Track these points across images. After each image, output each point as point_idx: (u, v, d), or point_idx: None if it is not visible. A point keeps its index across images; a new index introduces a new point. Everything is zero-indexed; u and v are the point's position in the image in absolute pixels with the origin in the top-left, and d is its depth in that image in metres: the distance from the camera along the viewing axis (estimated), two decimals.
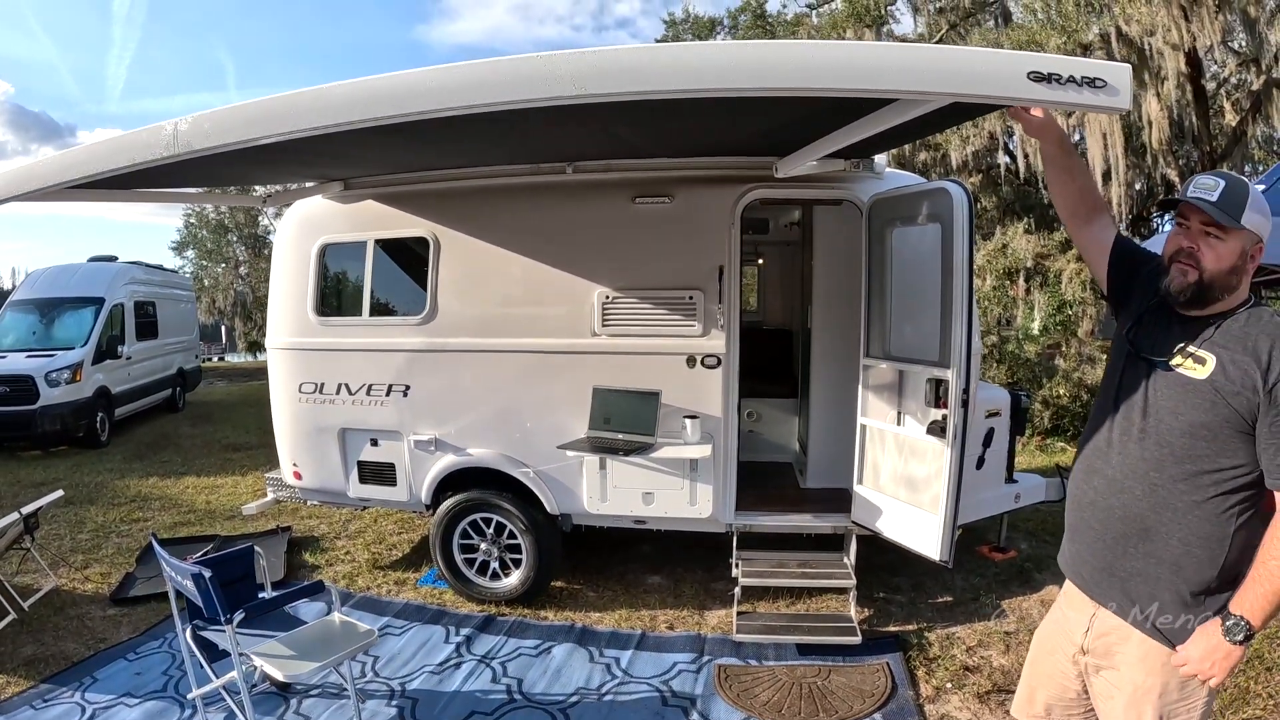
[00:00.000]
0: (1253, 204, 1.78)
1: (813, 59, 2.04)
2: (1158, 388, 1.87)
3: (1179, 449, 1.80)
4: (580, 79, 2.10)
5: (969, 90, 2.04)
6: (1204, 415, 1.77)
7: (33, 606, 4.69)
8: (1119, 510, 1.89)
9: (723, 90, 2.06)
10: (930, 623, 4.30)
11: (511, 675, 3.79)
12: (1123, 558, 1.89)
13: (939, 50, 2.11)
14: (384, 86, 2.32)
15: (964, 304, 3.55)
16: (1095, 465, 1.98)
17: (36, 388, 9.69)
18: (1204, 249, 1.81)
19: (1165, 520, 1.82)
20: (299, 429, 5.00)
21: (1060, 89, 1.95)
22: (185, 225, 28.07)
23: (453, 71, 2.22)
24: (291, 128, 2.41)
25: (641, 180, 4.27)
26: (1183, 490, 1.80)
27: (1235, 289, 1.83)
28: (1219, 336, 1.81)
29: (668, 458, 4.10)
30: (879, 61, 2.07)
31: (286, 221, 5.13)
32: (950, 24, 14.33)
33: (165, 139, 2.56)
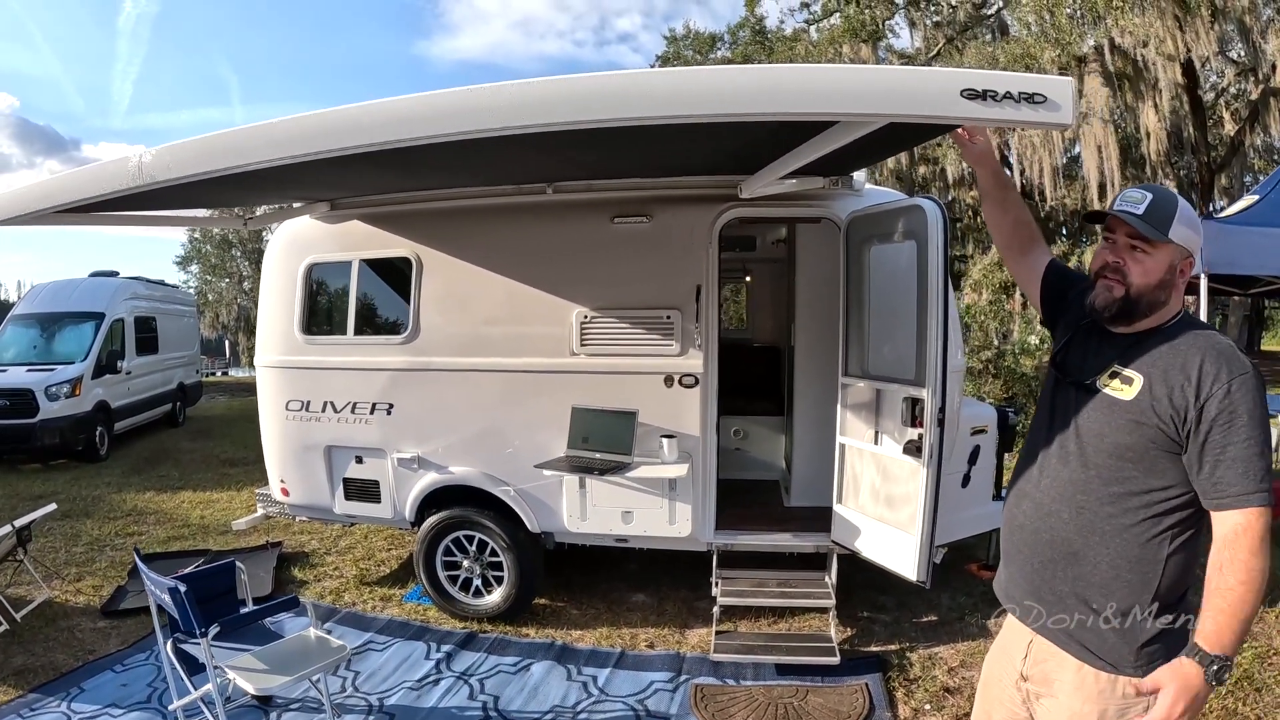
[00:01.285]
0: (1181, 217, 1.75)
1: (739, 85, 2.04)
2: (1085, 409, 1.83)
3: (1105, 471, 1.77)
4: (501, 112, 2.12)
5: (903, 110, 2.02)
6: (1129, 436, 1.73)
7: (25, 618, 4.75)
8: (1046, 534, 1.86)
9: (656, 118, 2.07)
10: (913, 642, 4.28)
11: (489, 692, 3.80)
12: (1051, 581, 1.85)
13: (872, 71, 2.10)
14: (320, 122, 2.40)
15: (939, 322, 3.55)
16: (1025, 489, 1.94)
17: (36, 401, 9.77)
18: (1130, 263, 1.78)
19: (1093, 544, 1.78)
20: (286, 446, 5.03)
21: (997, 106, 1.92)
22: (190, 240, 28.36)
23: (381, 107, 2.27)
24: (243, 161, 2.47)
25: (620, 200, 4.30)
26: (1109, 513, 1.76)
27: (1164, 304, 1.80)
28: (1148, 354, 1.77)
29: (645, 477, 4.11)
30: (810, 85, 2.06)
31: (275, 241, 5.18)
32: (947, 38, 14.39)
33: (131, 171, 2.62)
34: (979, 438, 4.67)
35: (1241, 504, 1.62)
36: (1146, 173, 13.13)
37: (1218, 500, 1.65)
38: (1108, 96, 10.83)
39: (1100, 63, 10.82)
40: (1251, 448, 1.62)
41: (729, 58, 19.76)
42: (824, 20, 17.02)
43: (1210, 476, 1.65)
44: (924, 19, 14.45)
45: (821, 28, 16.99)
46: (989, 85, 1.92)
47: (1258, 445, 1.63)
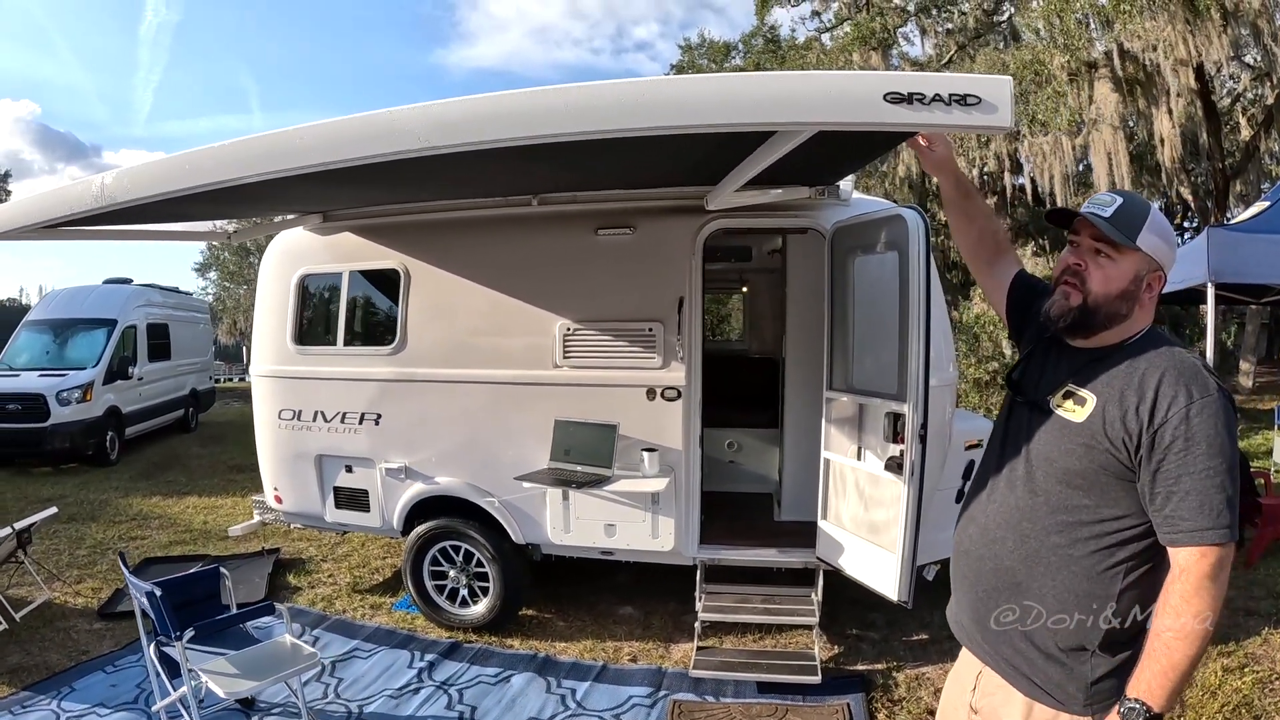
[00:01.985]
0: (1151, 225, 1.63)
1: (660, 98, 2.01)
2: (1037, 431, 1.72)
3: (1053, 497, 1.65)
4: (424, 133, 2.12)
5: (829, 118, 1.95)
6: (1079, 462, 1.62)
7: (24, 618, 4.84)
8: (990, 562, 1.75)
9: (578, 134, 2.05)
10: (901, 662, 4.22)
11: (467, 703, 3.80)
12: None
13: (796, 78, 2.00)
14: (263, 144, 2.46)
15: (920, 335, 3.50)
16: (973, 513, 1.84)
17: (47, 406, 9.94)
18: (1092, 269, 1.66)
19: (1037, 575, 1.66)
20: (279, 454, 5.08)
21: (925, 110, 1.84)
22: (209, 247, 28.65)
23: (312, 130, 2.29)
24: (193, 182, 2.51)
25: (604, 212, 4.29)
26: (1056, 543, 1.64)
27: (1126, 318, 1.67)
28: (1105, 373, 1.64)
29: (626, 490, 4.09)
30: (731, 96, 2.00)
31: (270, 251, 5.23)
32: (959, 45, 14.30)
33: (94, 192, 2.68)
34: (973, 452, 4.59)
35: (1194, 540, 1.49)
36: (1162, 180, 12.96)
37: (1170, 536, 1.52)
38: (1117, 102, 10.69)
39: (1110, 68, 10.69)
40: (1209, 479, 1.48)
41: (742, 66, 19.76)
42: (837, 28, 16.99)
43: (1163, 509, 1.52)
44: (935, 26, 14.38)
45: (835, 35, 16.96)
46: (915, 88, 1.84)
47: (1217, 476, 1.49)
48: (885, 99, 1.85)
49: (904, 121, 1.87)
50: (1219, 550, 1.48)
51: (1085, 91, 10.82)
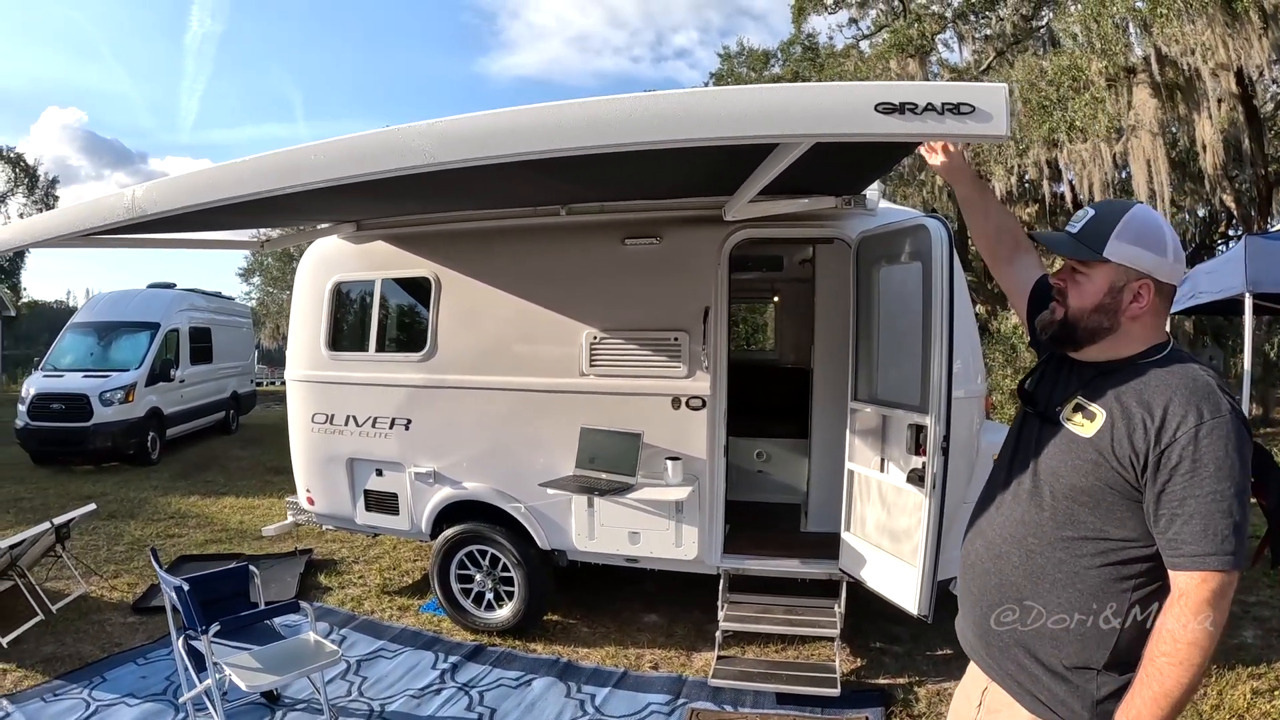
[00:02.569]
0: (1123, 234, 1.58)
1: (657, 113, 2.03)
2: (1046, 444, 1.68)
3: (1060, 513, 1.62)
4: (431, 149, 2.19)
5: (822, 129, 1.96)
6: (1085, 478, 1.58)
7: (60, 610, 5.01)
8: (995, 576, 1.72)
9: (580, 149, 2.10)
10: (923, 677, 4.18)
11: (487, 704, 3.85)
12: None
13: (789, 90, 2.00)
14: (274, 162, 2.55)
15: (943, 346, 3.48)
16: (980, 526, 1.82)
17: (91, 406, 10.27)
18: (1069, 286, 1.66)
19: (1042, 591, 1.63)
20: (312, 457, 5.19)
21: (918, 120, 1.83)
22: (253, 252, 29.25)
23: (324, 148, 2.37)
24: (216, 197, 2.61)
25: (631, 221, 4.34)
26: (1061, 559, 1.61)
27: (1110, 330, 1.64)
28: (1115, 388, 1.60)
29: (648, 499, 4.11)
30: (725, 109, 2.01)
31: (305, 259, 5.36)
32: (997, 51, 14.13)
33: (126, 204, 2.78)
34: None
35: (1195, 565, 1.44)
36: (1205, 187, 12.66)
37: (1172, 559, 1.49)
38: (1156, 108, 10.48)
39: (1148, 73, 10.48)
40: (1215, 503, 1.43)
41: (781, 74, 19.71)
42: (875, 35, 16.88)
43: (1166, 531, 1.48)
44: (973, 32, 14.22)
45: (875, 43, 16.85)
46: (907, 98, 1.83)
47: (1224, 500, 1.43)
48: (877, 109, 1.85)
49: (897, 131, 1.86)
50: (1221, 577, 1.44)
51: (1124, 97, 10.64)
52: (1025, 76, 11.61)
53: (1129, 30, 10.76)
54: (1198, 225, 15.73)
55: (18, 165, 29.06)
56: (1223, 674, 4.03)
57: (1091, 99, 10.68)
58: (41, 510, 7.89)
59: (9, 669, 4.23)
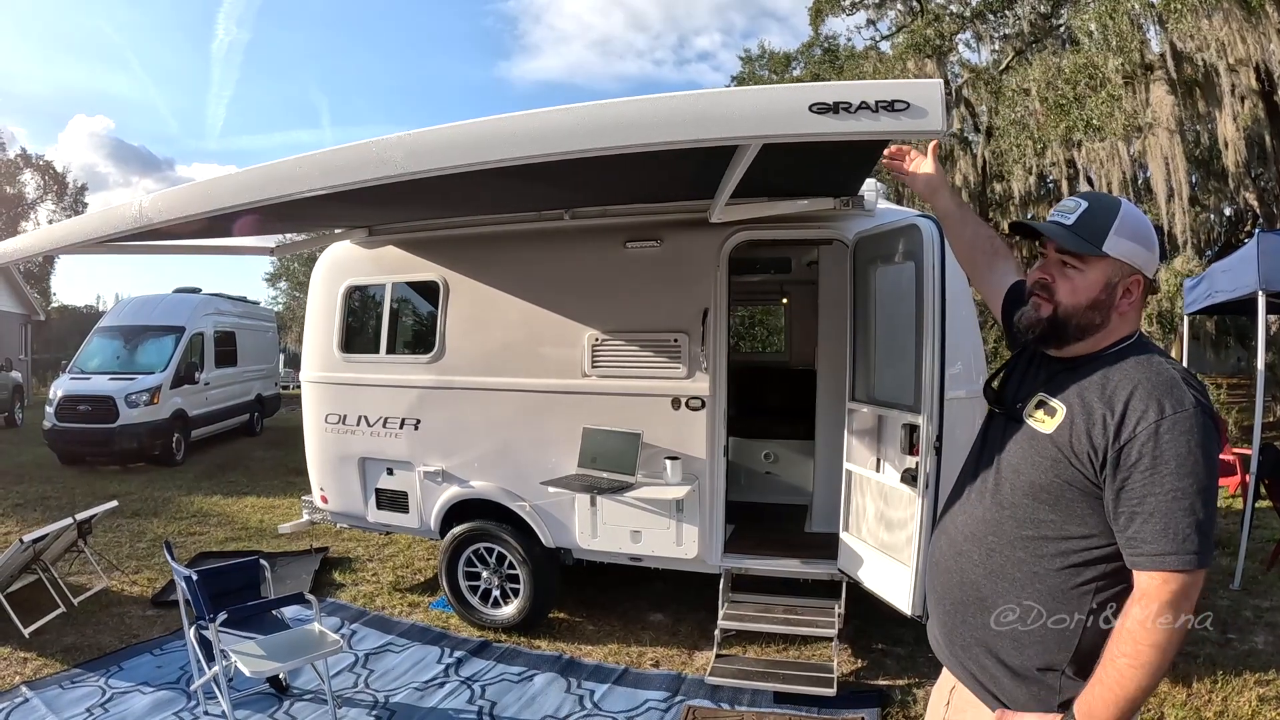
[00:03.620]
0: (1121, 228, 1.54)
1: (599, 119, 2.12)
2: (1009, 441, 1.65)
3: (1019, 511, 1.59)
4: (401, 160, 2.28)
5: (763, 131, 2.01)
6: (1044, 475, 1.55)
7: (81, 603, 5.16)
8: (957, 575, 1.69)
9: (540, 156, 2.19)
10: (923, 678, 4.17)
11: (488, 698, 3.94)
12: (962, 627, 1.68)
13: (728, 94, 2.07)
14: (268, 172, 2.66)
15: (936, 346, 3.51)
16: (945, 525, 1.80)
17: (117, 408, 10.51)
18: (1059, 280, 1.60)
19: (1002, 590, 1.60)
20: (325, 456, 5.32)
21: (852, 118, 1.86)
22: (276, 258, 29.67)
23: (305, 161, 2.48)
24: (211, 207, 2.72)
25: (633, 225, 4.41)
26: (1021, 559, 1.57)
27: (1100, 326, 1.58)
28: (1078, 383, 1.56)
29: (648, 497, 4.17)
30: (664, 115, 2.08)
31: (319, 263, 5.49)
32: (1016, 50, 14.04)
33: (133, 214, 2.90)
34: None
35: (1155, 565, 1.41)
36: (1229, 185, 12.48)
37: (1133, 559, 1.44)
38: (1173, 105, 10.35)
39: (1165, 70, 10.36)
40: (1177, 500, 1.39)
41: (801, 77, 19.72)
42: (895, 36, 16.85)
43: (1126, 530, 1.44)
44: (990, 32, 14.15)
45: (895, 43, 16.82)
46: (840, 97, 1.87)
47: (1186, 498, 1.39)
48: (811, 110, 1.89)
49: (834, 131, 1.90)
50: (1183, 577, 1.39)
51: (1141, 95, 10.53)
52: (1043, 75, 11.53)
53: (1145, 27, 10.66)
54: (1223, 224, 15.49)
55: (47, 173, 29.72)
56: (1229, 679, 4.00)
57: (1108, 97, 10.59)
58: (68, 509, 8.07)
59: (30, 658, 4.39)
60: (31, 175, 29.62)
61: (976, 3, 14.07)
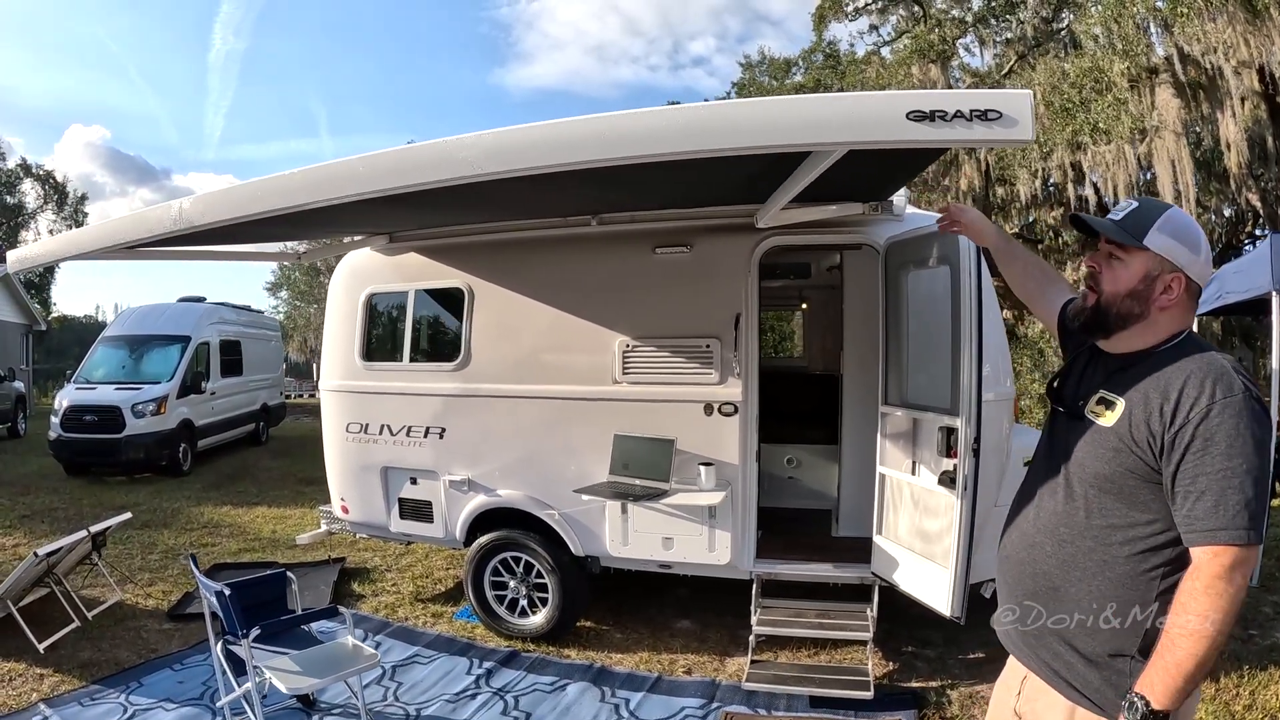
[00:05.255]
0: (1164, 226, 1.66)
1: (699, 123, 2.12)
2: (1073, 437, 1.75)
3: (1088, 502, 1.68)
4: (477, 161, 2.27)
5: (856, 137, 2.04)
6: (1108, 466, 1.65)
7: (96, 617, 5.08)
8: (1029, 567, 1.78)
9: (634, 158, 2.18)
10: (956, 680, 4.18)
11: (522, 709, 3.90)
12: (1035, 617, 1.76)
13: (822, 100, 2.13)
14: (312, 176, 2.68)
15: (973, 349, 3.51)
16: (1016, 521, 1.88)
17: (123, 418, 10.47)
18: (1104, 270, 1.73)
19: (1074, 580, 1.69)
20: (346, 466, 5.28)
21: (947, 126, 1.90)
22: (280, 267, 29.65)
23: (370, 160, 2.46)
24: (263, 208, 2.69)
25: (661, 231, 4.40)
26: (1090, 548, 1.67)
27: (1140, 317, 1.70)
28: (1135, 377, 1.67)
29: (682, 504, 4.15)
30: (760, 119, 2.10)
31: (338, 271, 5.46)
32: (1019, 54, 14.10)
33: (173, 215, 2.88)
34: None
35: (1207, 540, 1.49)
36: (1230, 186, 12.53)
37: (1187, 535, 1.53)
38: (1179, 108, 10.43)
39: (1171, 73, 10.43)
40: (1227, 479, 1.49)
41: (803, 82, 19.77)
42: (896, 41, 16.90)
43: (1182, 509, 1.53)
44: (993, 36, 14.21)
45: (896, 48, 16.86)
46: (937, 105, 1.91)
47: (1235, 477, 1.49)
48: (908, 117, 1.93)
49: (928, 138, 1.95)
50: (1234, 551, 1.47)
51: (1146, 98, 10.60)
52: (1047, 79, 11.58)
53: (1150, 30, 10.73)
54: (1224, 225, 15.56)
55: (47, 182, 29.65)
56: (1255, 674, 4.04)
57: (1114, 100, 10.66)
58: (76, 520, 8.05)
59: (46, 674, 4.31)
60: (32, 185, 29.55)
61: (979, 7, 14.13)
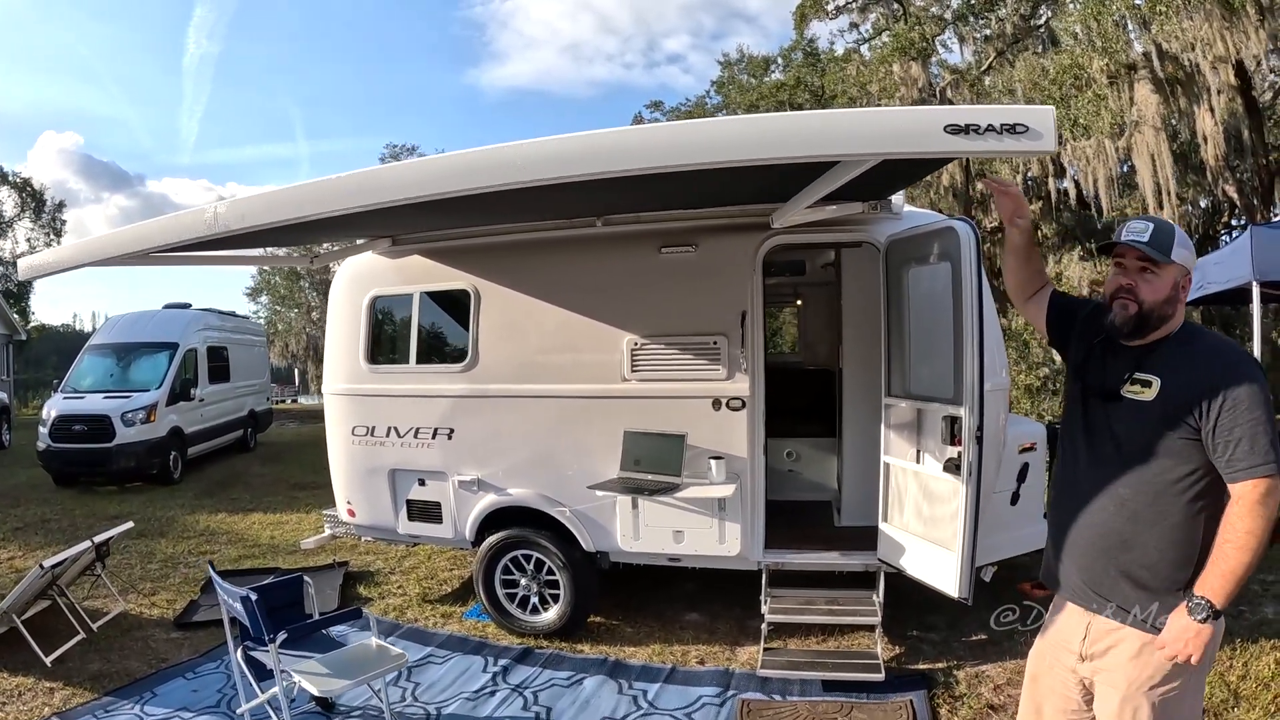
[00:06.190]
0: (1179, 241, 2.03)
1: (744, 134, 2.26)
2: (1115, 414, 2.09)
3: (1140, 465, 2.03)
4: (529, 165, 2.35)
5: (894, 148, 2.21)
6: (1156, 432, 2.00)
7: (101, 628, 5.05)
8: (1099, 527, 2.11)
9: (677, 166, 2.29)
10: (961, 660, 4.31)
11: (542, 704, 3.96)
12: (1108, 567, 2.09)
13: (864, 114, 2.27)
14: (356, 182, 2.76)
15: (974, 341, 3.62)
16: (1071, 491, 2.20)
17: (113, 427, 10.39)
18: (1141, 284, 2.04)
19: (1140, 531, 2.04)
20: (352, 469, 5.30)
21: (980, 138, 2.09)
22: (259, 272, 29.39)
23: (416, 167, 2.54)
24: (300, 214, 2.77)
25: (667, 231, 4.48)
26: (1149, 501, 2.02)
27: (1171, 317, 2.06)
28: (1162, 359, 2.04)
29: (694, 497, 4.24)
30: (807, 131, 2.25)
31: (340, 275, 5.48)
32: (997, 51, 14.31)
33: (207, 220, 2.92)
34: (1027, 455, 4.67)
35: (1248, 475, 1.89)
36: (1207, 179, 12.81)
37: (1231, 475, 1.92)
38: (1158, 104, 10.69)
39: (1149, 69, 10.67)
40: (1255, 427, 1.89)
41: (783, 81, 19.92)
42: (875, 39, 17.07)
43: (1224, 456, 1.92)
44: (973, 33, 14.42)
45: (874, 46, 17.04)
46: (971, 120, 2.10)
47: (1261, 424, 1.89)
48: (945, 130, 2.12)
49: (962, 149, 2.14)
50: (1268, 481, 1.88)
51: (1126, 94, 10.85)
52: (1028, 76, 11.80)
53: (1128, 28, 10.96)
54: (1201, 217, 15.89)
55: (24, 190, 29.21)
56: (1246, 647, 4.24)
57: (1094, 96, 10.88)
58: (70, 531, 8.01)
59: (56, 687, 4.27)
60: (9, 193, 29.06)
61: (958, 5, 14.33)
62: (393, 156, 28.23)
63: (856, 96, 14.73)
